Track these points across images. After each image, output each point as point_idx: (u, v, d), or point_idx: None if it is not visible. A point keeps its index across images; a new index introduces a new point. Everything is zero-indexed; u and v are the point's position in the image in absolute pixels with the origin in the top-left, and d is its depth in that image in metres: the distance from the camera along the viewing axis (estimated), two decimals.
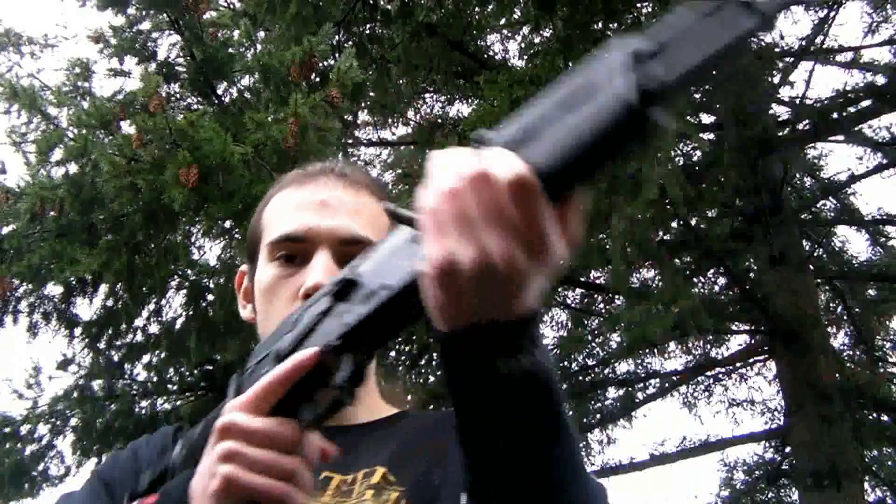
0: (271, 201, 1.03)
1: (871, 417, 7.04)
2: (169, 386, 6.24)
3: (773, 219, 6.49)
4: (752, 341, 7.59)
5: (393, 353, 6.18)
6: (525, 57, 6.48)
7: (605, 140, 0.57)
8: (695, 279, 7.38)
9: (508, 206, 0.55)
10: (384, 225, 1.00)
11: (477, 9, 6.19)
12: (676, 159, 5.98)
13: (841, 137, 6.72)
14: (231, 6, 6.64)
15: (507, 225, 0.55)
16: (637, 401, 8.13)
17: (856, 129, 6.07)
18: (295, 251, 0.95)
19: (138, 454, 0.97)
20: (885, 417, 7.08)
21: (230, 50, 5.51)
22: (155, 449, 0.97)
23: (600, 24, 5.49)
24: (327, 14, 5.35)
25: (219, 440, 0.69)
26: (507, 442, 0.61)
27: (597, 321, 8.09)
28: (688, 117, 4.87)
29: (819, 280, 7.63)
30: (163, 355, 6.00)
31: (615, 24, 5.60)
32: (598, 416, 8.23)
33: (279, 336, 0.78)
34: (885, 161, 7.19)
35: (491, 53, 7.43)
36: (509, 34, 7.51)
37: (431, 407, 6.31)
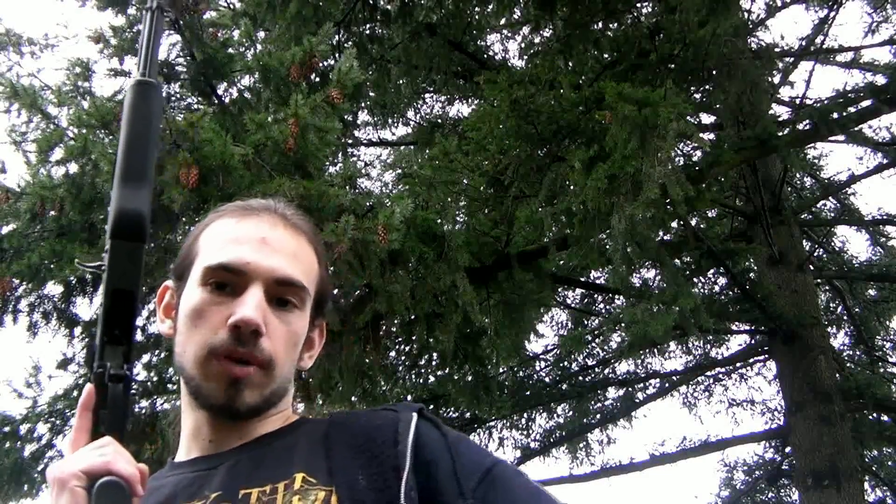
0: (210, 226, 1.05)
1: (871, 417, 7.04)
2: (169, 386, 6.24)
3: (773, 219, 6.49)
4: (752, 341, 7.59)
5: (393, 353, 6.17)
6: (525, 57, 6.48)
7: None
8: (695, 279, 7.38)
9: None
10: (315, 274, 1.05)
11: (477, 9, 6.19)
12: (676, 159, 5.98)
13: (841, 137, 6.72)
14: (231, 6, 6.64)
15: None
16: (637, 401, 8.13)
17: (856, 129, 6.07)
18: (228, 281, 0.97)
19: None
20: (885, 417, 7.09)
21: (230, 50, 5.50)
22: None
23: (600, 24, 5.49)
24: (327, 14, 5.35)
25: (49, 476, 0.82)
26: None
27: (597, 321, 8.09)
28: (688, 117, 4.87)
29: (819, 280, 7.63)
30: (163, 355, 6.00)
31: (615, 24, 5.61)
32: (598, 416, 8.24)
33: None
34: (885, 161, 7.19)
35: (491, 53, 7.43)
36: (509, 34, 7.51)
37: (431, 407, 6.31)
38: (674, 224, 6.25)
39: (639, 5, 5.67)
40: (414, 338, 6.05)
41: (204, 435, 0.99)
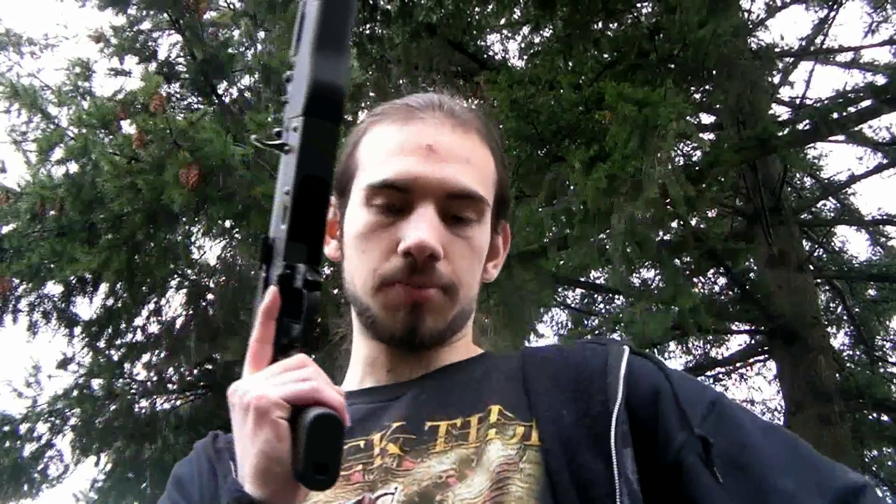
0: (369, 134, 0.93)
1: (871, 417, 7.04)
2: (168, 385, 6.25)
3: (773, 219, 6.49)
4: (752, 341, 7.59)
5: None
6: (525, 57, 6.48)
7: None
8: (695, 279, 7.38)
9: None
10: (493, 176, 0.94)
11: (477, 9, 6.19)
12: (676, 159, 5.98)
13: (841, 137, 6.72)
14: (231, 6, 6.64)
15: None
16: None
17: (856, 129, 6.07)
18: (395, 200, 0.86)
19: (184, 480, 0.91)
20: (885, 417, 7.08)
21: (230, 50, 5.52)
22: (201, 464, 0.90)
23: (600, 24, 5.49)
24: None
25: (232, 399, 0.70)
26: None
27: (597, 321, 8.09)
28: (688, 117, 4.87)
29: (819, 280, 7.63)
30: (162, 355, 6.00)
31: (615, 24, 5.61)
32: None
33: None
34: (885, 161, 7.19)
35: (491, 53, 7.43)
36: (509, 34, 7.51)
37: None
38: (674, 224, 6.25)
39: (639, 5, 5.66)
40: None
41: (381, 364, 0.91)
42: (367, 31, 5.90)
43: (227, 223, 4.94)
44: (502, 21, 6.85)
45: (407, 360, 0.90)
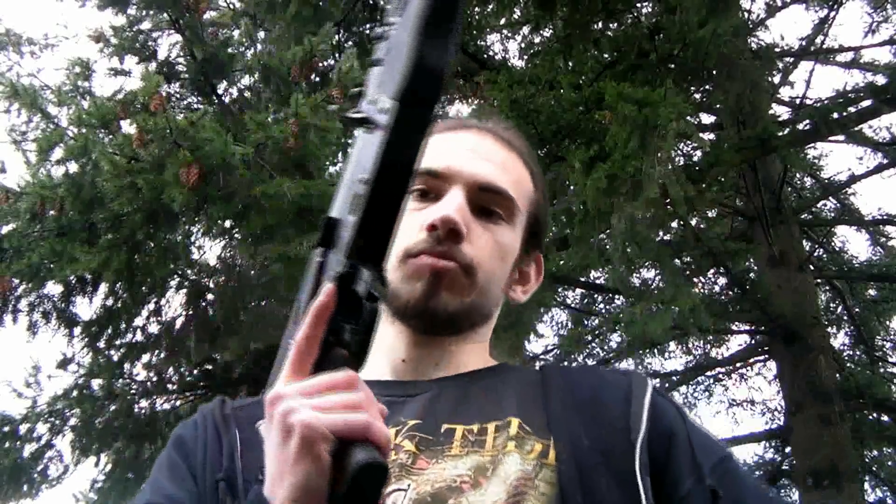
0: None
1: (871, 417, 7.04)
2: (168, 385, 6.24)
3: (773, 219, 6.49)
4: (752, 341, 7.59)
5: None
6: (525, 57, 6.48)
7: None
8: (695, 279, 7.38)
9: None
10: (529, 193, 0.96)
11: (477, 9, 6.19)
12: (676, 159, 5.98)
13: (841, 137, 6.72)
14: (231, 6, 6.64)
15: None
16: None
17: (856, 129, 6.07)
18: (430, 186, 0.90)
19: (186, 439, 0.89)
20: (885, 417, 7.08)
21: (231, 50, 5.51)
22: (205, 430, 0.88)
23: (600, 24, 5.49)
24: (328, 14, 5.35)
25: (273, 409, 0.65)
26: None
27: (597, 321, 8.09)
28: (688, 117, 4.87)
29: (819, 280, 7.63)
30: (162, 355, 5.99)
31: (615, 24, 5.61)
32: None
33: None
34: (885, 161, 7.19)
35: (491, 53, 7.43)
36: (509, 34, 7.51)
37: None
38: (674, 224, 6.26)
39: (639, 5, 5.67)
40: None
41: (397, 352, 0.90)
42: (368, 31, 5.90)
43: (227, 223, 4.94)
44: (502, 21, 6.85)
45: (422, 348, 0.90)
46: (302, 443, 0.61)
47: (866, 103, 5.39)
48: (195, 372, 6.24)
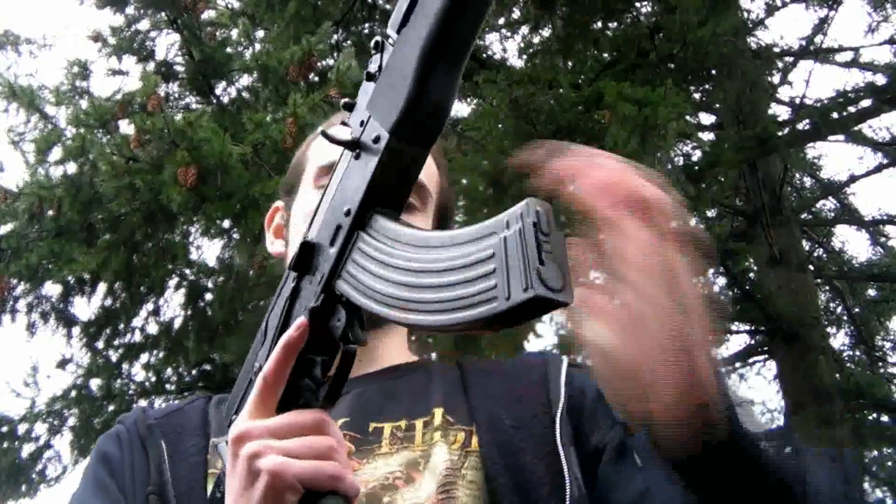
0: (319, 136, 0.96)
1: (871, 417, 7.04)
2: (167, 386, 6.23)
3: (773, 219, 6.48)
4: (752, 341, 7.58)
5: None
6: (524, 57, 6.47)
7: None
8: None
9: None
10: (436, 180, 0.98)
11: None
12: (676, 159, 5.98)
13: (841, 137, 6.72)
14: (229, 6, 6.63)
15: None
16: None
17: (856, 128, 6.06)
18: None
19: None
20: (885, 417, 7.08)
21: (229, 49, 5.50)
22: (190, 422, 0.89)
23: (600, 24, 5.48)
24: (326, 13, 5.34)
25: (238, 449, 0.62)
26: None
27: None
28: (688, 117, 4.87)
29: (819, 280, 7.62)
30: (161, 355, 5.98)
31: (615, 24, 5.60)
32: None
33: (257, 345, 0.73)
34: (885, 161, 7.19)
35: (490, 53, 7.42)
36: (509, 34, 7.50)
37: None
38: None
39: (638, 5, 5.66)
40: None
41: None
42: (366, 31, 5.89)
43: (226, 223, 4.93)
44: (501, 21, 6.84)
45: None
46: (268, 492, 0.59)
47: (866, 103, 5.39)
48: (194, 372, 6.23)
